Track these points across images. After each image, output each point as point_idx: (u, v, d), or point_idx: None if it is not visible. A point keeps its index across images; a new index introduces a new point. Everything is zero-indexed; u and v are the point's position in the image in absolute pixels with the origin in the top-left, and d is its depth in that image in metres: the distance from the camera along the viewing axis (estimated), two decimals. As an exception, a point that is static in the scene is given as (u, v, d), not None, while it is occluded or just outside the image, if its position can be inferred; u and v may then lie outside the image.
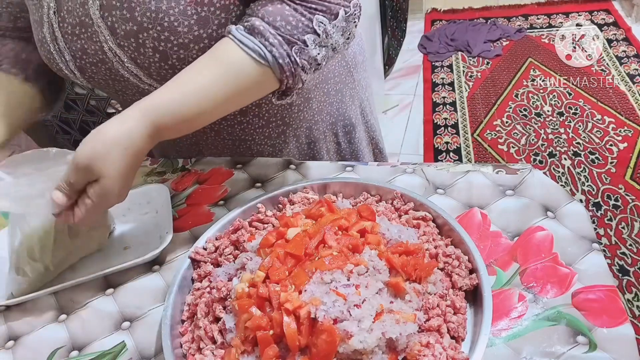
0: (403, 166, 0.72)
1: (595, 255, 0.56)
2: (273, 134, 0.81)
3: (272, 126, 0.80)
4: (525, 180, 0.66)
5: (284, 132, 0.81)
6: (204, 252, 0.61)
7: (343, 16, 0.58)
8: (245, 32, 0.56)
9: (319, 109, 0.83)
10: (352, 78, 0.87)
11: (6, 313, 0.63)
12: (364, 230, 0.55)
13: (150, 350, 0.56)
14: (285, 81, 0.59)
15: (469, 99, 2.48)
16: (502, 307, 0.52)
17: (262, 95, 0.62)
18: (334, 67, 0.82)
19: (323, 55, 0.59)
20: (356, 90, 0.88)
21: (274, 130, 0.80)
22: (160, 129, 0.55)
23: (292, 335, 0.46)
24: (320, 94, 0.82)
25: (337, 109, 0.86)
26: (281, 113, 0.78)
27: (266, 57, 0.56)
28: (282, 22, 0.56)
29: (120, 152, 0.52)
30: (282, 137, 0.82)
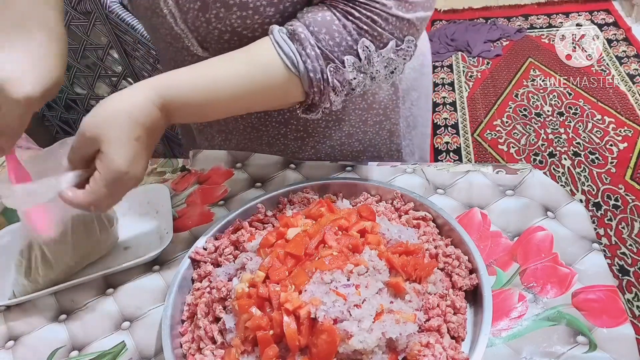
0: (403, 166, 0.72)
1: (595, 255, 0.56)
2: (290, 135, 0.76)
3: (291, 128, 0.75)
4: (525, 180, 0.66)
5: (302, 138, 0.76)
6: (204, 252, 0.61)
7: (393, 48, 0.54)
8: (286, 36, 0.53)
9: (349, 134, 0.77)
10: (398, 114, 0.79)
11: (6, 313, 0.63)
12: (364, 230, 0.55)
13: (150, 350, 0.56)
14: (312, 96, 0.55)
15: (469, 99, 2.48)
16: (502, 307, 0.52)
17: (285, 103, 0.58)
18: (381, 98, 0.75)
19: (359, 81, 0.55)
20: (397, 127, 0.80)
21: (291, 133, 0.76)
22: (170, 107, 0.52)
23: (292, 335, 0.46)
24: (356, 119, 0.76)
25: (369, 139, 0.79)
26: (304, 120, 0.74)
27: (298, 66, 0.52)
28: (326, 36, 0.52)
29: (125, 118, 0.49)
30: (298, 142, 0.77)
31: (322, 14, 0.53)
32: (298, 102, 0.57)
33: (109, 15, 1.14)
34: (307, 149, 0.78)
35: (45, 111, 1.53)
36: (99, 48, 1.25)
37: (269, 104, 0.58)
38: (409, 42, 0.55)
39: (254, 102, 0.57)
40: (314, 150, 0.78)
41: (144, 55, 1.21)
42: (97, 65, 1.31)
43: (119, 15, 1.14)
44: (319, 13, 0.53)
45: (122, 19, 1.14)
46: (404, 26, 0.53)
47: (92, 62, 1.31)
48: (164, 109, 0.52)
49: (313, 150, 0.78)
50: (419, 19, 0.54)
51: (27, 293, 0.62)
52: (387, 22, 0.52)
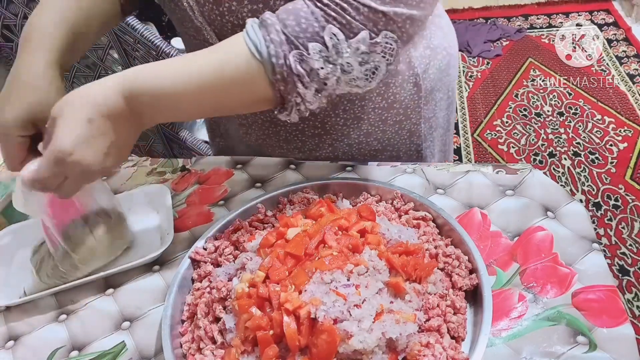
0: (403, 166, 0.72)
1: (595, 255, 0.56)
2: (307, 132, 0.75)
3: (309, 124, 0.74)
4: (525, 180, 0.66)
5: (319, 135, 0.75)
6: (204, 252, 0.61)
7: (365, 39, 0.51)
8: (256, 24, 0.52)
9: (368, 132, 0.75)
10: (419, 114, 0.77)
11: (6, 313, 0.63)
12: (364, 230, 0.55)
13: (150, 350, 0.56)
14: (277, 86, 0.52)
15: (469, 99, 2.48)
16: (502, 307, 0.52)
17: (252, 97, 0.55)
18: (403, 97, 0.73)
19: (328, 72, 0.52)
20: (418, 127, 0.78)
21: (309, 129, 0.75)
22: (136, 96, 0.50)
23: (292, 335, 0.46)
24: (376, 118, 0.74)
25: (388, 138, 0.78)
26: (322, 117, 0.73)
27: (261, 51, 0.51)
28: (293, 22, 0.51)
29: (81, 99, 0.49)
30: (315, 139, 0.76)
31: (294, 2, 0.52)
32: (268, 98, 0.55)
33: (109, 15, 1.14)
34: (325, 146, 0.77)
35: (45, 111, 1.53)
36: (99, 48, 1.25)
37: (239, 99, 0.55)
38: (387, 38, 0.52)
39: (224, 95, 0.54)
40: (332, 148, 0.77)
41: (144, 55, 1.21)
42: (97, 65, 1.30)
43: (119, 15, 1.14)
44: (291, 2, 0.53)
45: (122, 19, 1.14)
46: (379, 19, 0.51)
47: (92, 62, 1.31)
48: (130, 99, 0.50)
49: (330, 148, 0.77)
50: (399, 14, 0.52)
51: (36, 289, 0.62)
52: (358, 11, 0.50)
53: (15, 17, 1.27)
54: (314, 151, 0.78)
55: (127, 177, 0.81)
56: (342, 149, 0.78)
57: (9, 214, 0.74)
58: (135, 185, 0.78)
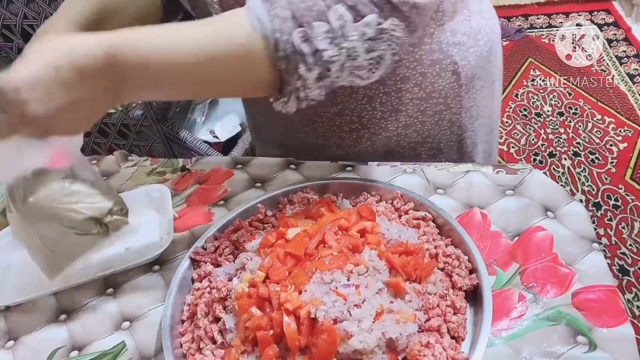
0: (403, 166, 0.72)
1: (595, 255, 0.56)
2: (345, 127, 0.74)
3: (346, 119, 0.73)
4: (525, 180, 0.66)
5: (357, 130, 0.75)
6: (204, 252, 0.61)
7: (372, 23, 0.49)
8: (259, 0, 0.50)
9: (407, 124, 0.74)
10: (460, 104, 0.74)
11: (6, 313, 0.63)
12: (364, 230, 0.55)
13: (150, 350, 0.56)
14: (278, 65, 0.49)
15: (469, 99, 2.47)
16: (502, 307, 0.52)
17: (249, 76, 0.51)
18: (441, 86, 0.71)
19: (333, 55, 0.49)
20: (459, 117, 0.75)
21: (346, 124, 0.74)
22: (122, 54, 0.45)
23: (292, 335, 0.46)
24: (414, 109, 0.72)
25: (428, 129, 0.76)
26: (359, 111, 0.72)
27: (264, 25, 0.47)
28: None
29: (56, 44, 0.43)
30: (353, 134, 0.75)
31: None
32: (265, 81, 0.51)
33: (109, 15, 1.14)
34: (363, 141, 0.76)
35: (45, 111, 1.53)
36: (99, 48, 1.25)
37: (233, 77, 0.51)
38: (394, 25, 0.50)
39: (218, 70, 0.50)
40: (370, 142, 0.76)
41: (144, 55, 1.21)
42: (97, 65, 1.31)
43: (119, 15, 1.14)
44: None
45: (122, 19, 1.14)
46: (385, 6, 0.49)
47: (92, 62, 1.31)
48: (113, 56, 0.44)
49: (369, 143, 0.76)
50: (404, 3, 0.50)
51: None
52: None
53: (15, 17, 1.27)
54: (353, 147, 0.77)
55: (127, 177, 0.81)
56: (381, 142, 0.76)
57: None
58: (135, 185, 0.78)
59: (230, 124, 1.51)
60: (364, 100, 0.71)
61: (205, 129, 1.49)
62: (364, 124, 0.74)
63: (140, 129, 1.45)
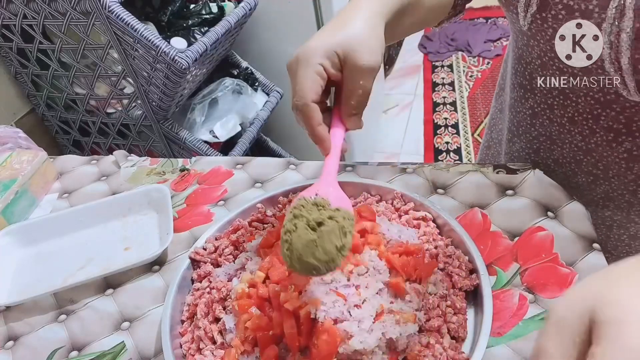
0: (403, 166, 0.72)
1: (595, 255, 0.56)
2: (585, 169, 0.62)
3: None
4: (525, 180, 0.66)
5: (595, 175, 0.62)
6: (204, 252, 0.61)
7: None
8: None
9: None
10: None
11: (6, 313, 0.63)
12: (364, 230, 0.55)
13: (150, 351, 0.55)
14: None
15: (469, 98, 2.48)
16: (502, 307, 0.52)
17: None
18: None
19: None
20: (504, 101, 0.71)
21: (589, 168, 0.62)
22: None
23: (292, 335, 0.46)
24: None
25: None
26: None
27: None
28: None
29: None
30: (590, 177, 0.63)
31: None
32: None
33: (108, 15, 1.14)
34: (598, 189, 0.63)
35: (45, 111, 1.53)
36: (99, 48, 1.25)
37: None
38: None
39: None
40: (604, 191, 0.62)
41: (143, 55, 1.21)
42: (97, 65, 1.30)
43: (119, 15, 1.14)
44: None
45: (122, 19, 1.14)
46: None
47: (92, 62, 1.31)
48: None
49: (602, 190, 0.62)
50: None
51: None
52: None
53: (15, 17, 1.27)
54: (588, 191, 0.64)
55: (127, 177, 0.81)
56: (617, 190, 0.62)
57: (8, 214, 0.74)
58: (135, 185, 0.78)
59: (230, 124, 1.51)
60: None
61: (205, 129, 1.49)
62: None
63: (140, 129, 1.46)
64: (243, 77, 1.64)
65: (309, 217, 0.43)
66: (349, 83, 0.47)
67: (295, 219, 0.44)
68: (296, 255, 0.42)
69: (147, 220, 0.72)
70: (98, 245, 0.70)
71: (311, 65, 0.46)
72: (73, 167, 0.86)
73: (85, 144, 1.62)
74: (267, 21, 1.66)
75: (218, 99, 1.52)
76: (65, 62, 1.34)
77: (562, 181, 0.64)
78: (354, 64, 0.46)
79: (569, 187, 0.63)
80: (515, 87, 0.65)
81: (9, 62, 1.42)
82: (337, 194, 0.47)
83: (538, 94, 0.60)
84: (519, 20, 0.54)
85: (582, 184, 0.63)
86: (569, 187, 0.63)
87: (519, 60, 0.62)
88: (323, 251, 0.42)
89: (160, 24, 1.39)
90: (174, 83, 1.26)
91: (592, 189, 0.62)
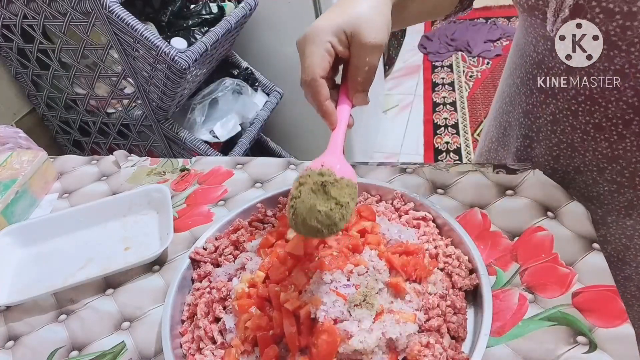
0: (403, 166, 0.72)
1: (595, 255, 0.56)
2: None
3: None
4: (525, 180, 0.66)
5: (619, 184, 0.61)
6: (204, 252, 0.61)
7: None
8: None
9: None
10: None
11: (6, 313, 0.63)
12: (364, 230, 0.55)
13: (150, 350, 0.56)
14: None
15: (469, 99, 2.48)
16: (502, 307, 0.52)
17: None
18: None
19: None
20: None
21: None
22: None
23: (292, 335, 0.46)
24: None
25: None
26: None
27: None
28: None
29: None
30: (614, 185, 0.61)
31: None
32: None
33: (109, 15, 1.14)
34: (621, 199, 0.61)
35: (45, 111, 1.53)
36: (99, 48, 1.25)
37: None
38: None
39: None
40: (628, 202, 0.61)
41: (144, 55, 1.21)
42: (97, 65, 1.31)
43: (119, 15, 1.14)
44: None
45: (122, 19, 1.14)
46: None
47: (92, 62, 1.31)
48: None
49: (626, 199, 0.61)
50: None
51: None
52: None
53: (15, 17, 1.28)
54: (608, 199, 0.62)
55: (127, 177, 0.81)
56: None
57: (9, 214, 0.74)
58: (135, 185, 0.78)
59: (230, 124, 1.51)
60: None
61: (205, 129, 1.49)
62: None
63: (140, 129, 1.46)
64: (243, 77, 1.64)
65: (313, 184, 0.46)
66: (355, 60, 0.49)
67: (300, 186, 0.46)
68: (300, 219, 0.45)
69: (147, 220, 0.72)
70: (98, 245, 0.70)
71: (320, 43, 0.48)
72: (73, 167, 0.86)
73: (85, 144, 1.62)
74: (267, 21, 1.66)
75: (218, 99, 1.52)
76: (66, 62, 1.34)
77: (582, 190, 0.63)
78: (361, 42, 0.47)
79: (589, 196, 0.63)
80: (534, 92, 0.64)
81: (9, 62, 1.42)
82: (342, 166, 0.48)
83: (561, 99, 0.59)
84: (546, 25, 0.54)
85: (603, 192, 0.62)
86: (589, 196, 0.63)
87: (538, 65, 0.61)
88: (325, 215, 0.44)
89: (161, 24, 1.39)
90: (174, 83, 1.26)
91: (615, 198, 0.61)
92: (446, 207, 0.62)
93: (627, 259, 0.66)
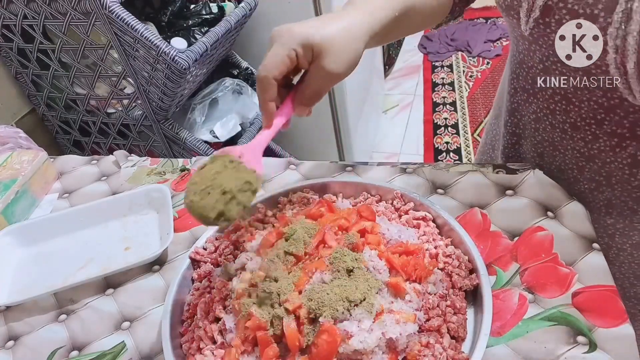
0: (403, 166, 0.72)
1: (595, 255, 0.56)
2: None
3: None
4: (525, 180, 0.66)
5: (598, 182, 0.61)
6: (204, 252, 0.61)
7: None
8: None
9: None
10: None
11: (6, 313, 0.63)
12: (364, 230, 0.55)
13: (150, 351, 0.56)
14: None
15: (469, 99, 2.48)
16: (502, 307, 0.52)
17: None
18: None
19: None
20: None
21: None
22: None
23: (292, 335, 0.46)
24: None
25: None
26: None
27: None
28: None
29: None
30: (592, 184, 0.62)
31: None
32: None
33: (109, 15, 1.14)
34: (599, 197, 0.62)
35: (45, 111, 1.53)
36: (99, 48, 1.25)
37: None
38: None
39: None
40: (607, 199, 0.62)
41: (144, 55, 1.21)
42: (97, 65, 1.30)
43: (119, 16, 1.14)
44: None
45: (122, 19, 1.14)
46: None
47: (92, 62, 1.31)
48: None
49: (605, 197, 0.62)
50: None
51: None
52: None
53: (15, 17, 1.27)
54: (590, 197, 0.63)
55: (127, 177, 0.81)
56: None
57: (9, 214, 0.74)
58: (135, 185, 0.78)
59: (230, 124, 1.51)
60: None
61: (205, 129, 1.49)
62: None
63: (140, 129, 1.46)
64: (243, 77, 1.64)
65: (211, 172, 0.48)
66: (310, 77, 0.51)
67: (202, 169, 0.49)
68: (197, 206, 0.47)
69: (147, 220, 0.72)
70: (98, 245, 0.70)
71: (286, 47, 0.49)
72: (73, 167, 0.86)
73: (85, 144, 1.62)
74: (267, 21, 1.66)
75: (218, 99, 1.52)
76: (66, 62, 1.34)
77: (565, 188, 0.64)
78: (320, 64, 0.49)
79: (571, 194, 0.63)
80: (518, 91, 0.65)
81: (9, 62, 1.42)
82: (257, 163, 0.51)
83: (540, 98, 0.60)
84: (520, 25, 0.55)
85: (584, 191, 0.63)
86: (571, 194, 0.63)
87: (520, 64, 0.62)
88: (214, 204, 0.46)
89: (161, 24, 1.39)
90: (174, 83, 1.26)
91: (595, 196, 0.62)
92: (446, 207, 0.62)
93: (610, 257, 0.67)
